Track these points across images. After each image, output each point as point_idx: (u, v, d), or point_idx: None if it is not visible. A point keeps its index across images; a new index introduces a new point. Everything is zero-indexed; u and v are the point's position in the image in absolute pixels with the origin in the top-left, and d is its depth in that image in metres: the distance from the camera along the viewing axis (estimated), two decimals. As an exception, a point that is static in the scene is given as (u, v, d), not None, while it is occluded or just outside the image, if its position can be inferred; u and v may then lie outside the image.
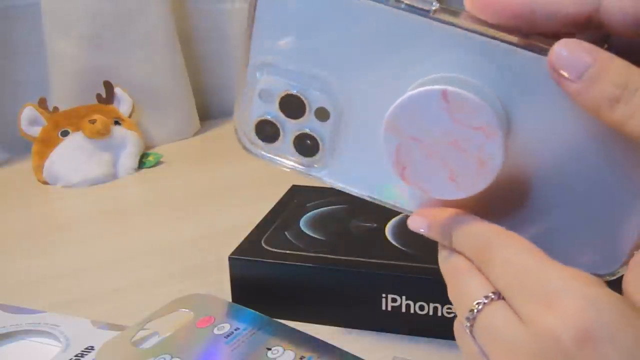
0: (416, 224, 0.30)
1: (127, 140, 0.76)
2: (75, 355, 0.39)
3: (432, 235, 0.29)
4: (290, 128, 0.30)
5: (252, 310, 0.41)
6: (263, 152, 0.31)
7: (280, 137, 0.30)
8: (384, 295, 0.42)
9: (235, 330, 0.39)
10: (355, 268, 0.42)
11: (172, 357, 0.37)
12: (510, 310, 0.25)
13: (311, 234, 0.47)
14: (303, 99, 0.29)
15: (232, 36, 0.97)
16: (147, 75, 0.84)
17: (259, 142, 0.31)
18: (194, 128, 0.92)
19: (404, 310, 0.41)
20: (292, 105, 0.29)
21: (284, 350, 0.37)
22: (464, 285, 0.27)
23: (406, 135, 0.26)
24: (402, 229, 0.47)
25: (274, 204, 0.52)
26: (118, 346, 0.39)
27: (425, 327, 0.41)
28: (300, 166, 0.31)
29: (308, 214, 0.50)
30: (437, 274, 0.41)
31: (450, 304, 0.40)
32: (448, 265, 0.29)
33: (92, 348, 0.40)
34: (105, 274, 0.53)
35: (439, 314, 0.41)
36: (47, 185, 0.74)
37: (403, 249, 0.44)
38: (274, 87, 0.29)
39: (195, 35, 0.96)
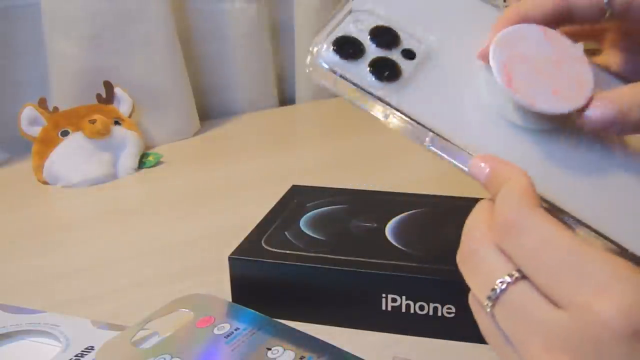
0: (477, 169, 0.29)
1: (127, 140, 0.76)
2: (75, 355, 0.39)
3: (487, 184, 0.29)
4: (373, 52, 0.31)
5: (252, 310, 0.41)
6: (334, 69, 0.31)
7: (360, 58, 0.31)
8: (384, 295, 0.42)
9: (235, 330, 0.39)
10: (355, 268, 0.42)
11: (172, 357, 0.37)
12: (537, 292, 0.25)
13: (311, 234, 0.47)
14: (396, 34, 0.31)
15: (232, 36, 0.97)
16: (147, 75, 0.84)
17: (335, 58, 0.31)
18: (194, 128, 0.92)
19: (404, 310, 0.41)
20: (383, 36, 0.31)
21: (284, 350, 0.37)
22: (484, 260, 0.27)
23: (514, 51, 0.29)
24: (402, 229, 0.47)
25: (274, 204, 0.52)
26: (118, 346, 0.39)
27: (425, 327, 0.41)
28: (370, 88, 0.31)
29: (308, 214, 0.50)
30: (437, 274, 0.41)
31: (450, 303, 0.40)
32: (471, 234, 0.28)
33: (92, 348, 0.40)
34: (105, 274, 0.53)
35: (439, 314, 0.41)
36: (47, 185, 0.74)
37: (403, 249, 0.44)
38: (370, 19, 0.32)
39: (195, 35, 0.96)
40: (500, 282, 0.25)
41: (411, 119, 0.30)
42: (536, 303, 0.24)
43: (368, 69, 0.30)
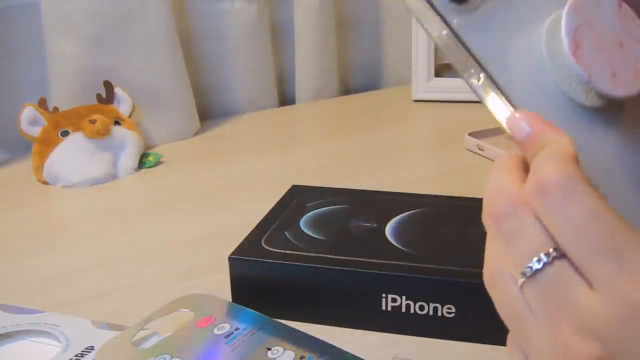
0: (517, 125, 0.27)
1: (127, 140, 0.76)
2: (75, 355, 0.39)
3: (525, 143, 0.26)
4: None
5: (252, 310, 0.41)
6: None
7: None
8: (384, 295, 0.42)
9: (235, 330, 0.39)
10: (355, 268, 0.42)
11: (172, 357, 0.37)
12: (576, 273, 0.23)
13: (311, 234, 0.47)
14: None
15: (232, 36, 0.97)
16: (147, 75, 0.84)
17: None
18: (194, 128, 0.92)
19: (404, 310, 0.41)
20: None
21: (284, 350, 0.37)
22: (521, 229, 0.25)
23: (586, 19, 0.28)
24: (402, 229, 0.47)
25: (274, 204, 0.52)
26: (118, 346, 0.39)
27: (425, 327, 0.41)
28: (442, 12, 0.29)
29: (308, 214, 0.50)
30: (437, 273, 0.41)
31: (451, 303, 0.40)
32: (501, 195, 0.26)
33: (92, 348, 0.40)
34: (105, 274, 0.53)
35: (439, 314, 0.41)
36: (47, 185, 0.74)
37: (403, 249, 0.44)
38: None
39: (195, 35, 0.96)
40: (538, 260, 0.24)
41: (467, 48, 0.29)
42: (573, 284, 0.23)
43: None
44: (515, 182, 0.26)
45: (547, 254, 0.24)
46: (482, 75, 0.28)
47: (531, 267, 0.24)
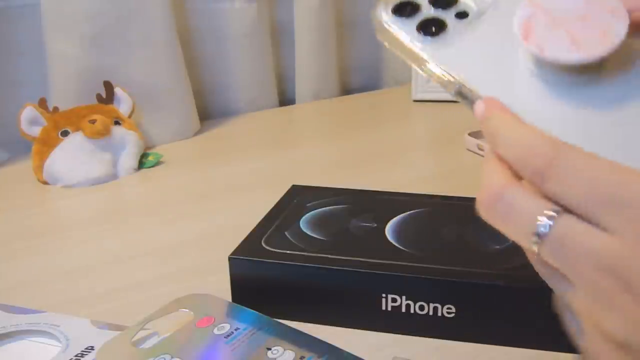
0: (479, 109, 0.29)
1: (127, 140, 0.76)
2: (75, 355, 0.39)
3: (484, 127, 0.28)
4: (426, 13, 0.33)
5: (252, 310, 0.41)
6: (391, 26, 0.33)
7: (413, 17, 0.33)
8: (384, 295, 0.42)
9: (235, 330, 0.39)
10: (355, 268, 0.42)
11: (172, 357, 0.37)
12: (585, 222, 0.24)
13: (311, 234, 0.47)
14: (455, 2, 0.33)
15: (232, 36, 0.97)
16: (147, 75, 0.84)
17: (392, 18, 0.33)
18: (194, 128, 0.92)
19: (404, 310, 0.41)
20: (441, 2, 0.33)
21: (284, 350, 0.37)
22: (513, 202, 0.25)
23: (540, 7, 0.29)
24: (402, 229, 0.47)
25: (274, 204, 0.52)
26: (118, 346, 0.39)
27: (425, 327, 0.41)
28: (417, 42, 0.32)
29: (308, 214, 0.50)
30: (437, 273, 0.41)
31: (450, 303, 0.40)
32: (492, 181, 0.27)
33: (92, 348, 0.40)
34: (105, 274, 0.53)
35: (439, 314, 0.41)
36: (47, 185, 0.74)
37: (403, 249, 0.44)
38: None
39: (195, 35, 0.96)
40: (547, 216, 0.24)
41: (449, 72, 0.30)
42: (587, 231, 0.23)
43: (417, 29, 0.32)
44: (499, 170, 0.27)
45: (549, 216, 0.24)
46: (459, 88, 0.30)
47: (538, 233, 0.24)
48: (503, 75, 0.30)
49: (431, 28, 0.32)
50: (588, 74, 0.28)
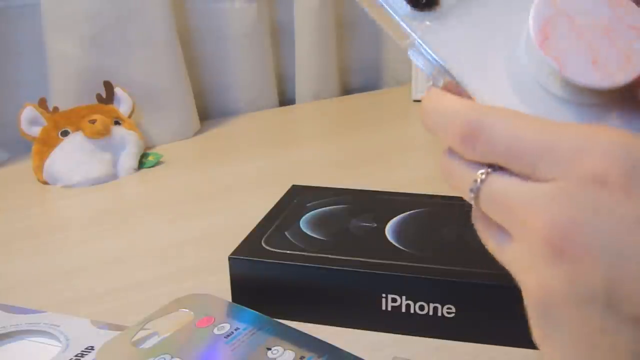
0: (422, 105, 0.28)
1: (127, 140, 0.76)
2: (75, 355, 0.39)
3: (424, 121, 0.28)
4: None
5: (252, 310, 0.41)
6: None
7: None
8: (384, 295, 0.42)
9: (235, 330, 0.39)
10: (355, 268, 0.42)
11: (172, 357, 0.37)
12: (516, 176, 0.24)
13: (311, 234, 0.47)
14: None
15: (232, 36, 0.97)
16: (147, 75, 0.84)
17: None
18: (194, 128, 0.92)
19: (404, 310, 0.41)
20: None
21: (284, 350, 0.37)
22: (457, 167, 0.27)
23: (561, 9, 0.26)
24: (402, 229, 0.47)
25: (274, 204, 0.52)
26: (118, 346, 0.39)
27: (425, 327, 0.41)
28: (402, 14, 0.29)
29: (308, 214, 0.50)
30: (437, 273, 0.41)
31: (450, 303, 0.40)
32: (442, 161, 0.28)
33: (92, 348, 0.40)
34: (105, 274, 0.53)
35: (439, 314, 0.41)
36: (47, 185, 0.74)
37: (403, 249, 0.44)
38: None
39: (195, 35, 0.96)
40: (480, 172, 0.25)
41: (432, 53, 0.28)
42: (522, 184, 0.24)
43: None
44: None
45: (482, 173, 0.25)
46: (449, 80, 0.28)
47: (476, 181, 0.26)
48: (496, 71, 0.28)
49: (421, 0, 0.29)
50: (598, 98, 0.26)
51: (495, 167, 0.25)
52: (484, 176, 0.25)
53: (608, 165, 0.22)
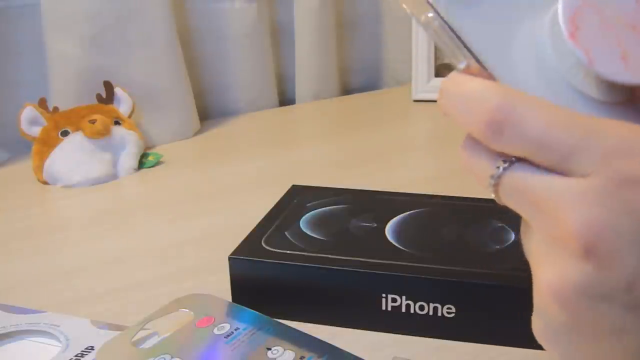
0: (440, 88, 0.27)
1: (127, 140, 0.76)
2: (75, 355, 0.39)
3: (444, 104, 0.26)
4: None
5: (252, 310, 0.41)
6: None
7: None
8: (384, 295, 0.42)
9: (235, 330, 0.39)
10: (355, 268, 0.42)
11: (172, 357, 0.37)
12: (540, 168, 0.24)
13: (311, 234, 0.47)
14: None
15: (232, 36, 0.97)
16: (147, 75, 0.84)
17: None
18: (194, 128, 0.92)
19: (404, 310, 0.41)
20: None
21: (284, 350, 0.37)
22: (478, 155, 0.25)
23: (590, 1, 0.25)
24: (402, 229, 0.47)
25: (274, 204, 0.52)
26: (118, 346, 0.39)
27: (425, 327, 0.41)
28: None
29: (308, 214, 0.50)
30: (437, 273, 0.41)
31: (450, 303, 0.40)
32: (461, 147, 0.26)
33: (92, 348, 0.40)
34: (105, 274, 0.53)
35: (439, 314, 0.41)
36: (47, 185, 0.74)
37: (403, 249, 0.44)
38: None
39: (195, 35, 0.96)
40: (497, 167, 0.25)
41: (456, 34, 0.26)
42: (544, 176, 0.23)
43: None
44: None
45: (507, 160, 0.24)
46: (471, 63, 0.27)
47: (493, 176, 0.25)
48: (521, 56, 0.26)
49: None
50: (621, 95, 0.26)
51: (515, 158, 0.24)
52: (507, 164, 0.24)
53: None
